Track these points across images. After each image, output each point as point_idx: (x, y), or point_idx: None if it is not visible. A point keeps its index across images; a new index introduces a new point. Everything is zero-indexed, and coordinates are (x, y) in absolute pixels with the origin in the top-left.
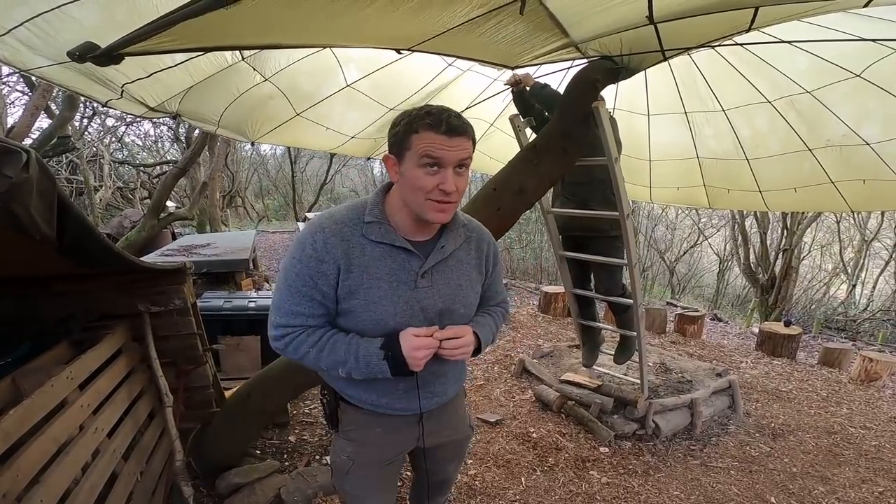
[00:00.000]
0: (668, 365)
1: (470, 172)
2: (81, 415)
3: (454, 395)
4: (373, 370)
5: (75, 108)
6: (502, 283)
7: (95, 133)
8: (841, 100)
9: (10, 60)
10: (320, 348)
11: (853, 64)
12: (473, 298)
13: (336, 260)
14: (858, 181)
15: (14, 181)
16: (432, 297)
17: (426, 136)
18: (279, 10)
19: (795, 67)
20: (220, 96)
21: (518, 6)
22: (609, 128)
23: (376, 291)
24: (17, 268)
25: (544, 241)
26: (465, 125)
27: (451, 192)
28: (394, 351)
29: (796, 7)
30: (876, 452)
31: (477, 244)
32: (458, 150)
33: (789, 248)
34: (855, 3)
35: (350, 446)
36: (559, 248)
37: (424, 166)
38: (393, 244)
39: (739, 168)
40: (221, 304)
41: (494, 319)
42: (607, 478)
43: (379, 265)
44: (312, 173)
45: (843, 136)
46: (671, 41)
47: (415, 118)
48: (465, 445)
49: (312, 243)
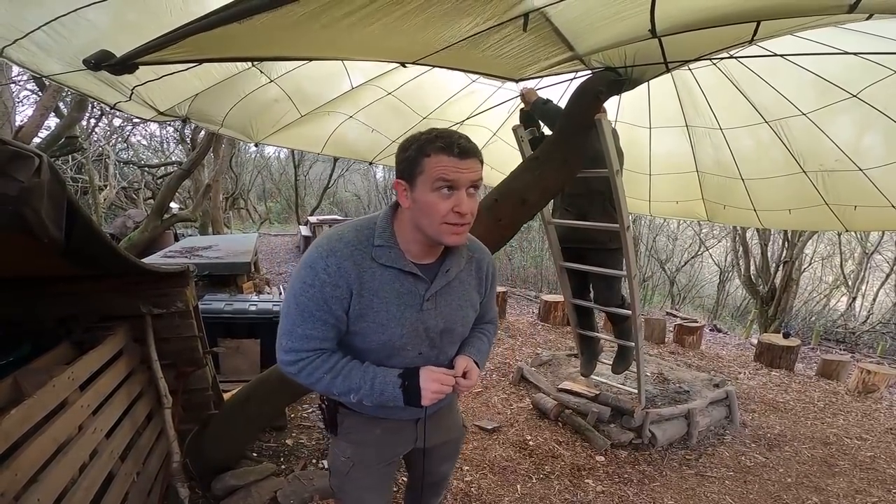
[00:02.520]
0: (666, 375)
1: None
2: (81, 415)
3: (449, 400)
4: (387, 398)
5: (84, 109)
6: (495, 301)
7: (102, 133)
8: (836, 123)
9: (27, 64)
10: (335, 374)
11: (850, 84)
12: (472, 317)
13: (349, 284)
14: (850, 206)
15: (25, 185)
16: (435, 319)
17: (439, 159)
18: (288, 26)
19: (793, 87)
20: (228, 98)
21: (521, 22)
22: (611, 139)
23: (385, 315)
24: (20, 268)
25: (545, 249)
26: (475, 147)
27: (466, 213)
28: (411, 382)
29: (798, 21)
30: (871, 463)
31: (478, 264)
32: (470, 171)
33: (790, 259)
34: (856, 17)
35: (350, 448)
36: (559, 258)
37: (439, 189)
38: (402, 269)
39: (735, 186)
40: (222, 306)
41: (489, 340)
42: (602, 486)
43: (388, 289)
44: (315, 177)
45: (837, 161)
46: (674, 53)
47: (425, 142)
48: (458, 445)
49: (325, 268)
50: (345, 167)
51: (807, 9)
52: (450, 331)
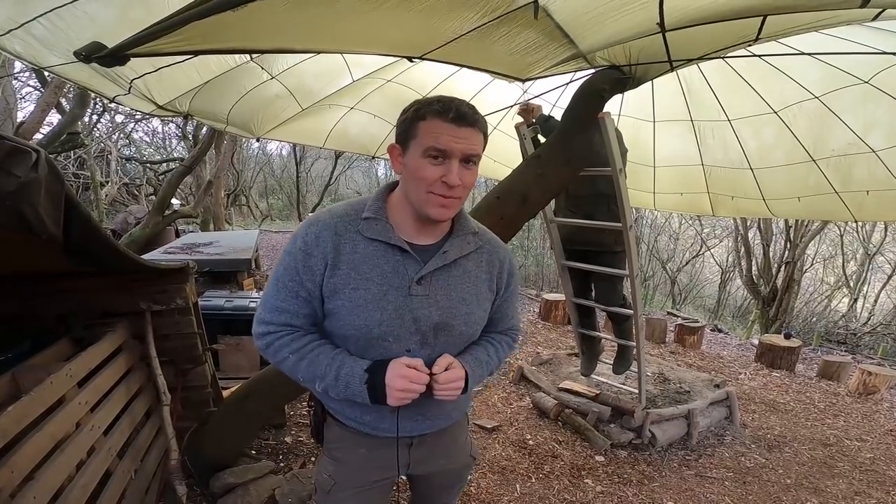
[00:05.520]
0: (667, 375)
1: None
2: (79, 412)
3: (453, 422)
4: (352, 392)
5: (86, 105)
6: (516, 309)
7: (105, 129)
8: (848, 107)
9: (24, 55)
10: (301, 356)
11: (861, 71)
12: (479, 317)
13: (325, 254)
14: (862, 192)
15: (23, 180)
16: (427, 308)
17: (433, 123)
18: (287, 12)
19: (804, 76)
20: (229, 94)
21: (528, 10)
22: (614, 139)
23: (363, 293)
24: (20, 265)
25: (546, 248)
26: (476, 115)
27: (456, 185)
28: (378, 377)
29: (802, 20)
30: (870, 465)
31: (489, 257)
32: (466, 142)
33: (792, 260)
34: (863, 16)
35: (332, 465)
36: (561, 257)
37: (429, 156)
38: (388, 242)
39: (743, 177)
40: (222, 303)
41: (497, 352)
42: (602, 486)
43: (370, 265)
44: (317, 174)
45: (850, 143)
46: (678, 52)
47: (423, 105)
48: (464, 474)
49: (304, 236)
50: (346, 164)
51: (819, 3)
52: (447, 327)
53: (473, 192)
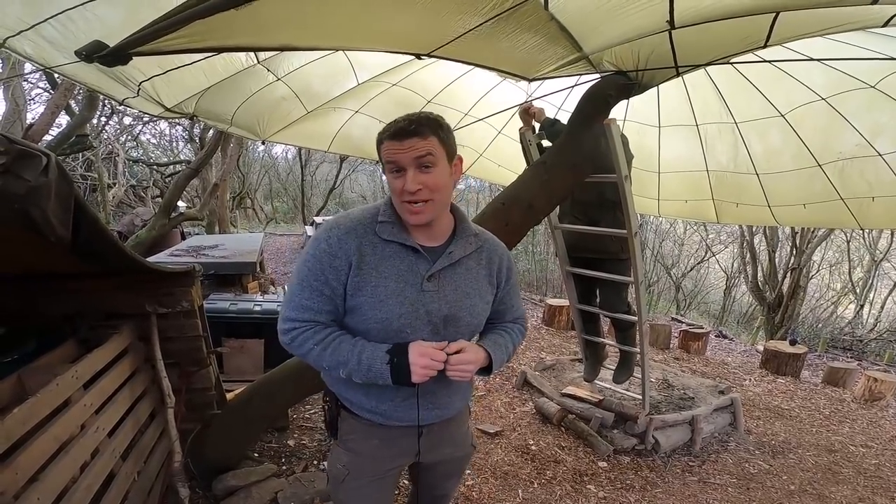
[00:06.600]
0: (671, 381)
1: (462, 176)
2: (84, 414)
3: (458, 412)
4: (374, 374)
5: (95, 108)
6: (519, 299)
7: (113, 131)
8: (854, 111)
9: (34, 57)
10: (325, 346)
11: (867, 76)
12: (482, 308)
13: (348, 256)
14: (868, 198)
15: (32, 184)
16: (437, 302)
17: (385, 144)
18: (292, 7)
19: (810, 80)
20: (235, 97)
21: (537, 3)
22: (620, 145)
23: (383, 290)
24: (27, 265)
25: (550, 253)
26: (415, 124)
27: (414, 191)
28: (399, 358)
29: (811, 26)
30: (875, 471)
31: (488, 255)
32: (411, 150)
33: (798, 266)
34: (873, 22)
35: (346, 456)
36: (566, 263)
37: (392, 172)
38: (403, 243)
39: (748, 182)
40: (227, 306)
41: (512, 338)
42: (604, 492)
43: (388, 264)
44: (322, 177)
45: (857, 146)
46: (685, 57)
47: (380, 133)
48: (465, 463)
49: (327, 239)
50: (351, 168)
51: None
52: (454, 318)
53: (478, 197)
